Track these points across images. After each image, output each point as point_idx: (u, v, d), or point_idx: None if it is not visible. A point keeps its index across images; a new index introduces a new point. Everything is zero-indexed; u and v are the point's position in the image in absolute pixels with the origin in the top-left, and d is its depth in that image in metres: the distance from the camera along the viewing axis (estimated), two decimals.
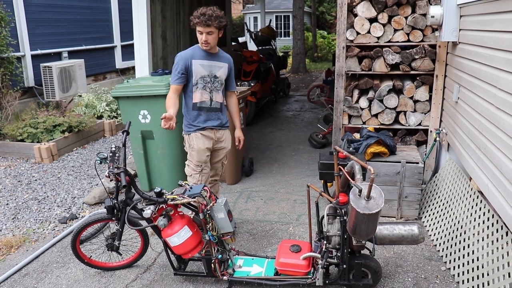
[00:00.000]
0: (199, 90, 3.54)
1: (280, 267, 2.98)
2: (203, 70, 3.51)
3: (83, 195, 4.96)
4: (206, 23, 3.32)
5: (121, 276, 3.40)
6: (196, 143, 3.60)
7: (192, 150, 3.64)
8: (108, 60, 10.44)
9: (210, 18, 3.31)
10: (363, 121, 4.66)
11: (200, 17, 3.32)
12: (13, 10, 7.59)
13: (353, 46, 4.49)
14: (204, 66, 3.52)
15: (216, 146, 3.74)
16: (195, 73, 3.49)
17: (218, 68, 3.60)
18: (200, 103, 3.57)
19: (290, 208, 4.53)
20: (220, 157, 3.86)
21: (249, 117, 7.77)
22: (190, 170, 3.68)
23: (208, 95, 3.58)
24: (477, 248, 3.01)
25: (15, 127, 6.43)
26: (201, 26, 3.35)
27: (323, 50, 21.51)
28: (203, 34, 3.40)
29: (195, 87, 3.53)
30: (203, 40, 3.42)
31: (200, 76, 3.51)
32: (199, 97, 3.56)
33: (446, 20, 3.86)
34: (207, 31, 3.37)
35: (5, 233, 4.14)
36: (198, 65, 3.50)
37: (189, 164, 3.69)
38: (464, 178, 3.66)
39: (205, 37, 3.40)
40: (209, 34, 3.39)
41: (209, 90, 3.58)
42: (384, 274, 3.28)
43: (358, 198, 2.39)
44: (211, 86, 3.57)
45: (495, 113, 2.89)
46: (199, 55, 3.52)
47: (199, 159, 3.63)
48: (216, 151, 3.79)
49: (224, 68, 3.64)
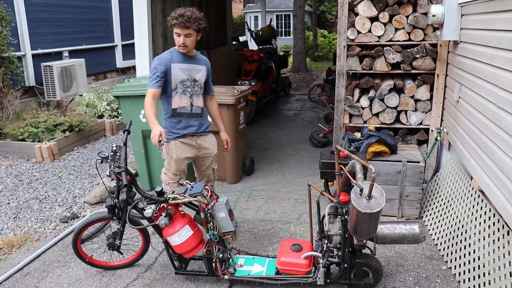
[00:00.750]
0: (178, 95, 3.39)
1: (281, 266, 2.98)
2: (182, 74, 3.36)
3: (84, 194, 4.97)
4: (185, 25, 3.16)
5: (122, 275, 3.41)
6: (175, 152, 3.45)
7: (170, 159, 3.48)
8: (108, 59, 10.45)
9: (189, 20, 3.16)
10: (364, 120, 4.66)
11: (178, 18, 3.16)
12: (13, 9, 7.59)
13: (354, 45, 4.49)
14: (183, 70, 3.37)
15: (200, 153, 3.59)
16: (175, 77, 3.34)
17: (197, 72, 3.45)
18: (180, 109, 3.42)
19: (291, 207, 4.53)
20: (208, 163, 3.69)
21: (250, 116, 7.77)
22: (168, 178, 3.54)
23: (188, 100, 3.43)
24: (478, 248, 3.01)
25: (16, 126, 6.43)
26: (179, 28, 3.19)
27: (323, 49, 21.50)
28: (180, 36, 3.24)
29: (174, 92, 3.37)
30: (180, 42, 3.26)
31: (179, 80, 3.36)
32: (178, 102, 3.40)
33: (447, 19, 3.85)
34: (185, 33, 3.22)
35: (6, 233, 4.14)
36: (177, 69, 3.34)
37: (166, 173, 3.55)
38: (465, 177, 3.66)
39: (183, 40, 3.25)
40: (187, 36, 3.24)
41: (189, 95, 3.42)
42: (385, 273, 3.28)
43: (359, 197, 2.39)
44: (191, 90, 3.43)
45: (496, 112, 2.88)
46: (178, 59, 3.36)
47: (177, 169, 3.51)
48: (202, 159, 3.64)
49: (203, 71, 3.50)
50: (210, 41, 8.28)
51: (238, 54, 9.15)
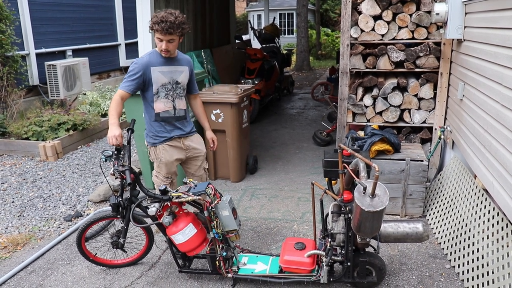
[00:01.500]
0: (160, 99, 3.32)
1: (285, 265, 2.98)
2: (163, 77, 3.28)
3: (88, 193, 4.99)
4: (168, 31, 3.06)
5: (126, 273, 3.42)
6: (164, 156, 3.43)
7: (160, 163, 3.46)
8: (112, 58, 10.47)
9: (172, 26, 3.06)
10: (367, 119, 4.65)
11: (161, 23, 3.04)
12: (17, 9, 7.63)
13: (357, 44, 4.48)
14: (164, 73, 3.28)
15: (189, 154, 3.57)
16: (155, 81, 3.25)
17: (179, 73, 3.37)
18: (164, 113, 3.36)
19: (295, 205, 4.54)
20: (199, 163, 3.66)
21: (253, 115, 7.77)
22: (159, 181, 3.53)
23: (171, 103, 3.36)
24: (482, 246, 3.01)
25: (20, 125, 6.46)
26: (161, 33, 3.09)
27: (327, 48, 21.47)
28: (163, 41, 3.14)
29: (156, 96, 3.31)
30: (163, 48, 3.17)
31: (161, 84, 3.28)
32: (162, 107, 3.34)
33: (451, 17, 3.84)
34: (168, 39, 3.12)
35: (11, 231, 4.16)
36: (157, 72, 3.25)
37: (157, 176, 3.54)
38: (468, 175, 3.65)
39: (166, 45, 3.15)
40: (170, 42, 3.15)
41: (171, 98, 3.36)
42: (389, 272, 3.28)
43: (363, 195, 2.39)
44: (173, 93, 3.36)
45: (500, 110, 2.88)
46: (158, 62, 3.26)
47: (168, 171, 3.50)
48: (192, 159, 3.62)
49: (185, 72, 3.42)
50: (214, 39, 8.28)
51: (241, 53, 9.14)
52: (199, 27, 7.33)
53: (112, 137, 2.97)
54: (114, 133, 2.97)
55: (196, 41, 7.24)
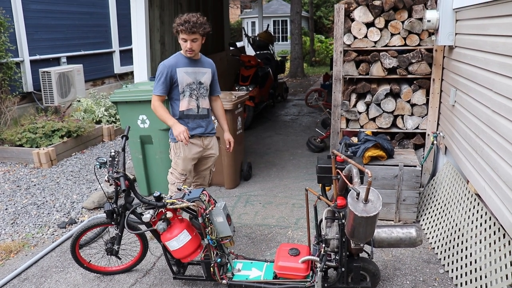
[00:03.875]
0: (186, 98, 3.52)
1: (279, 271, 2.98)
2: (188, 77, 3.49)
3: (82, 200, 4.97)
4: (191, 30, 3.29)
5: (121, 280, 3.41)
6: (183, 152, 3.58)
7: (178, 158, 3.61)
8: (106, 65, 10.47)
9: (195, 25, 3.29)
10: (360, 125, 4.68)
11: (185, 24, 3.28)
12: (12, 15, 7.62)
13: (350, 51, 4.52)
14: (189, 74, 3.50)
15: (205, 153, 3.73)
16: (181, 81, 3.47)
17: (202, 74, 3.58)
18: (187, 111, 3.56)
19: (289, 212, 4.54)
20: (209, 164, 3.85)
21: (247, 122, 7.78)
22: (174, 178, 3.66)
23: (195, 102, 3.56)
24: (475, 251, 3.03)
25: (14, 132, 6.43)
26: (186, 33, 3.32)
27: (320, 55, 21.57)
28: (187, 41, 3.36)
29: (182, 95, 3.51)
30: (187, 47, 3.39)
31: (186, 83, 3.49)
32: (186, 105, 3.54)
33: (442, 24, 3.89)
34: (191, 38, 3.35)
35: (4, 238, 4.14)
36: (183, 73, 3.47)
37: (173, 172, 3.68)
38: (461, 181, 3.68)
39: (190, 45, 3.38)
40: (194, 41, 3.38)
41: (195, 97, 3.56)
42: (383, 277, 3.29)
43: (356, 201, 2.40)
44: (197, 93, 3.56)
45: (491, 116, 2.91)
46: (183, 63, 3.49)
47: (184, 168, 3.63)
48: (205, 159, 3.78)
49: (208, 73, 3.63)
50: (208, 46, 8.31)
51: (236, 60, 9.17)
52: None
53: (180, 133, 3.31)
54: (181, 129, 3.32)
55: None
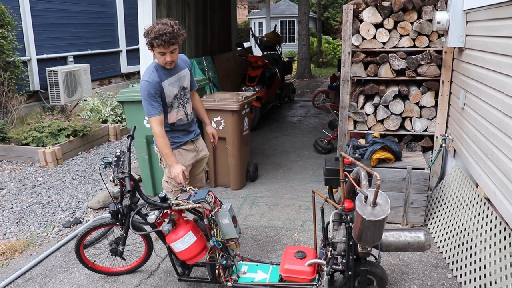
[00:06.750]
0: (174, 109, 3.33)
1: (285, 274, 2.95)
2: (174, 89, 3.29)
3: (87, 199, 4.96)
4: (170, 42, 3.01)
5: (125, 281, 3.39)
6: (179, 161, 3.39)
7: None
8: (113, 64, 10.49)
9: (173, 36, 3.00)
10: (368, 127, 4.64)
11: (161, 37, 2.97)
12: (19, 14, 7.65)
13: (358, 52, 4.48)
14: (173, 84, 3.28)
15: (198, 156, 3.62)
16: (169, 95, 3.26)
17: (183, 78, 3.38)
18: (178, 121, 3.39)
19: (295, 214, 4.51)
20: (203, 166, 3.75)
21: (254, 122, 7.76)
22: (171, 187, 3.48)
23: (182, 110, 3.40)
24: (484, 256, 2.98)
25: (20, 131, 6.46)
26: (164, 47, 3.02)
27: (328, 56, 21.54)
28: (166, 54, 3.08)
29: (170, 108, 3.30)
30: (167, 60, 3.11)
31: (173, 96, 3.30)
32: (175, 116, 3.36)
33: (452, 25, 3.84)
34: (170, 50, 3.07)
35: (9, 237, 4.14)
36: (168, 86, 3.24)
37: (168, 181, 3.47)
38: (470, 184, 3.63)
39: (170, 57, 3.10)
40: (173, 52, 3.10)
41: (182, 106, 3.39)
42: (390, 281, 3.25)
43: (364, 204, 2.37)
44: (182, 100, 3.39)
45: (502, 119, 2.86)
46: (164, 75, 3.22)
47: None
48: (199, 162, 3.67)
49: (187, 73, 3.44)
50: (215, 47, 8.30)
51: (243, 60, 9.16)
52: (200, 34, 7.35)
53: (178, 175, 3.19)
54: (179, 170, 3.20)
55: (197, 48, 7.25)
